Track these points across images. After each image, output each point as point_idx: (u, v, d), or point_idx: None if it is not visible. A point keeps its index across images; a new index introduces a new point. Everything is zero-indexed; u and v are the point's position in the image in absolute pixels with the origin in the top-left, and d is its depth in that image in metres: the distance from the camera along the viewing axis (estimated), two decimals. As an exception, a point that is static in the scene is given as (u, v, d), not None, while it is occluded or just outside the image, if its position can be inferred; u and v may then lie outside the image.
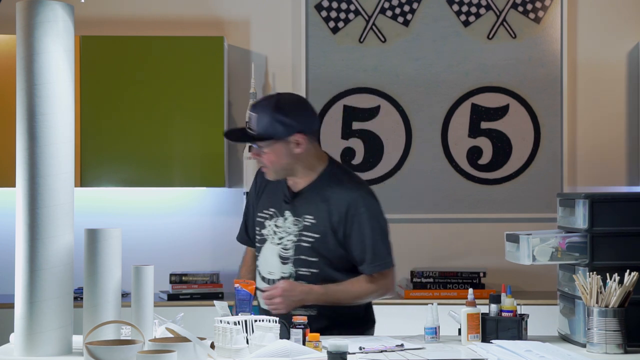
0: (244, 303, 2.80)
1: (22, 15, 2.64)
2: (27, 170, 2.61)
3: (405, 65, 4.79)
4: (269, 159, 2.99)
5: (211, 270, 4.67)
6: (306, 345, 2.61)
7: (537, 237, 2.85)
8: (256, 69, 4.76)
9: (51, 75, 2.63)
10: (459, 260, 4.77)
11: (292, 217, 3.03)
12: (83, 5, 4.59)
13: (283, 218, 3.05)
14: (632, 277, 2.68)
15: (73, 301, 2.67)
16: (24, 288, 2.60)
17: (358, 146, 4.79)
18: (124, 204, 4.76)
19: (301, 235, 3.01)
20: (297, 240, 3.02)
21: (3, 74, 4.45)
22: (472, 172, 4.79)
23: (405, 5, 4.79)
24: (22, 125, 2.63)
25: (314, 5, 4.78)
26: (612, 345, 2.64)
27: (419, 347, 2.75)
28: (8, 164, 3.39)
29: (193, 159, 4.57)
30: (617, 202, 2.85)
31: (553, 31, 4.77)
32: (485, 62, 4.79)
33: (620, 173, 4.79)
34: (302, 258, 3.00)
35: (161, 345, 2.38)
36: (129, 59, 4.58)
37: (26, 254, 2.59)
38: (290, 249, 3.02)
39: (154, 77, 4.57)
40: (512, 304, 2.84)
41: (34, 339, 2.58)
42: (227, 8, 4.82)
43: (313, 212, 3.01)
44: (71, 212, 2.66)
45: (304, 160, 3.01)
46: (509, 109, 4.79)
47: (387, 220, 3.10)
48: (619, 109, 4.80)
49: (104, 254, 2.57)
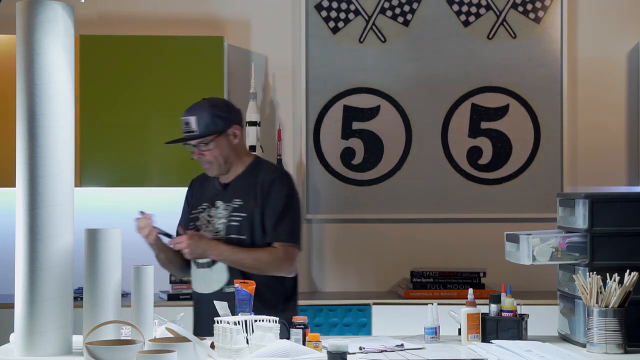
0: (244, 303, 2.80)
1: (22, 15, 2.64)
2: (27, 170, 2.62)
3: (405, 65, 4.79)
4: (212, 155, 3.26)
5: (211, 270, 4.66)
6: (306, 345, 2.62)
7: (537, 237, 2.85)
8: (256, 69, 4.76)
9: (51, 75, 2.63)
10: (459, 260, 4.77)
11: (223, 203, 3.28)
12: (83, 5, 4.59)
13: (215, 208, 3.30)
14: (632, 277, 2.68)
15: (73, 301, 2.67)
16: (24, 288, 2.60)
17: (358, 146, 4.79)
18: (124, 204, 4.76)
19: (230, 216, 3.26)
20: (228, 222, 3.25)
21: (3, 74, 4.45)
22: (472, 172, 4.79)
23: (405, 5, 4.79)
24: (22, 125, 2.63)
25: (314, 5, 4.78)
26: (612, 345, 2.64)
27: (419, 347, 2.75)
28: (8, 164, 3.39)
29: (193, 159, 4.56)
30: (617, 202, 2.85)
31: (553, 31, 4.77)
32: (485, 62, 4.78)
33: (620, 173, 4.79)
34: (231, 237, 3.23)
35: (161, 345, 2.38)
36: (129, 59, 4.57)
37: (26, 254, 2.60)
38: (222, 231, 3.25)
39: (154, 77, 4.56)
40: (512, 304, 2.84)
41: (34, 339, 2.58)
42: (227, 8, 4.82)
43: (241, 195, 3.27)
44: (71, 212, 2.66)
45: (237, 151, 3.30)
46: (509, 109, 4.79)
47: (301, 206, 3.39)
48: (619, 109, 4.80)
49: (104, 254, 2.57)
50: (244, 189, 3.28)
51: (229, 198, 3.29)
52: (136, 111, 4.55)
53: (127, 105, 4.56)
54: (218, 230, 3.27)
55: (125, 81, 4.56)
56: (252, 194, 3.26)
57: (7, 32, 4.51)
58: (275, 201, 3.24)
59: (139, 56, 4.58)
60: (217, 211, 3.29)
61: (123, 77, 4.57)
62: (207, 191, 3.37)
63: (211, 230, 3.27)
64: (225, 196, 3.30)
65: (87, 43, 4.54)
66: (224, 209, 3.28)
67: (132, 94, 4.56)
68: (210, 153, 3.26)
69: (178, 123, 4.56)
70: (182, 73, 4.56)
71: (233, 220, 3.25)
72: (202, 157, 3.28)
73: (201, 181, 3.45)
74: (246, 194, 3.27)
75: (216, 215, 3.29)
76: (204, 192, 3.39)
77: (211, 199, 3.33)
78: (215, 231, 3.27)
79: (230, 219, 3.25)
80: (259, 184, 3.27)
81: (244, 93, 4.74)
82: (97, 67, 4.54)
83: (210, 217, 3.31)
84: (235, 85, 4.78)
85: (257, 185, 3.27)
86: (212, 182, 3.37)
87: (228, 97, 4.73)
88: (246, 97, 4.71)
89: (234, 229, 3.24)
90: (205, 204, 3.34)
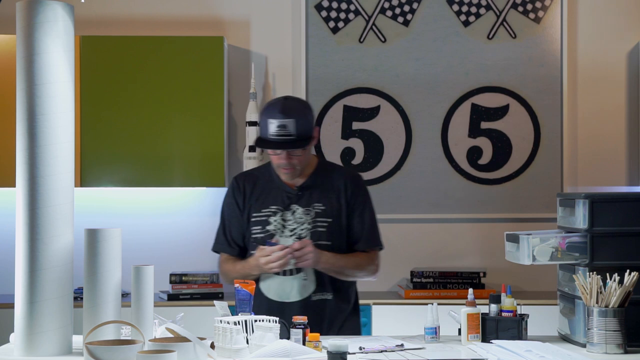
0: (244, 303, 2.80)
1: (22, 15, 2.64)
2: (27, 170, 2.61)
3: (405, 65, 4.79)
4: (300, 161, 3.15)
5: (211, 270, 4.67)
6: (306, 345, 2.62)
7: (537, 237, 2.85)
8: (256, 69, 4.76)
9: (51, 75, 2.63)
10: (459, 260, 4.77)
11: (301, 208, 3.18)
12: (83, 5, 4.59)
13: (290, 212, 3.19)
14: (632, 277, 2.68)
15: (73, 301, 2.67)
16: (24, 288, 2.60)
17: (358, 146, 4.79)
18: (124, 204, 4.76)
19: (315, 222, 3.17)
20: (312, 228, 3.16)
21: (3, 74, 4.45)
22: (472, 172, 4.79)
23: (405, 5, 4.79)
24: (22, 125, 2.63)
25: (314, 5, 4.78)
26: (612, 345, 2.64)
27: (419, 347, 2.75)
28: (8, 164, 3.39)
29: (193, 159, 4.57)
30: (617, 202, 2.85)
31: (553, 31, 4.77)
32: (485, 62, 4.78)
33: (620, 173, 4.79)
34: (319, 244, 3.13)
35: (161, 345, 2.38)
36: (129, 59, 4.57)
37: (26, 254, 2.60)
38: (306, 237, 3.15)
39: (154, 77, 4.56)
40: (512, 304, 2.84)
41: (34, 339, 2.58)
42: (227, 8, 4.82)
43: (321, 200, 3.19)
44: (71, 212, 2.66)
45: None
46: (509, 109, 4.79)
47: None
48: (619, 109, 4.80)
49: (104, 254, 2.57)
50: (322, 192, 3.21)
51: (307, 202, 3.19)
52: (136, 111, 4.56)
53: (128, 105, 4.56)
54: (301, 236, 3.16)
55: (126, 81, 4.57)
56: (332, 198, 3.20)
57: (7, 32, 4.51)
58: (362, 206, 3.21)
59: (139, 56, 4.58)
60: (294, 216, 3.18)
61: (123, 78, 4.57)
62: (270, 194, 3.23)
63: (290, 236, 3.16)
64: (303, 200, 3.20)
65: (88, 43, 4.54)
66: (304, 214, 3.18)
67: (133, 94, 4.56)
68: (299, 159, 3.15)
69: (178, 123, 4.59)
70: (182, 73, 4.56)
71: (319, 226, 3.17)
72: (289, 162, 3.15)
73: (250, 181, 3.29)
74: (326, 198, 3.20)
75: (295, 220, 3.18)
76: (265, 194, 3.24)
77: (283, 202, 3.21)
78: (297, 237, 3.16)
79: (316, 224, 3.17)
80: (337, 187, 3.22)
81: (244, 93, 4.74)
82: (97, 67, 4.55)
83: (286, 222, 3.19)
84: (235, 85, 4.78)
85: (336, 188, 3.22)
86: (273, 183, 3.25)
87: (228, 97, 4.73)
88: (246, 97, 4.71)
89: (320, 236, 3.16)
90: (273, 207, 3.20)
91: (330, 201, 3.20)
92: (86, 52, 4.53)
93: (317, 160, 3.29)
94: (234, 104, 4.79)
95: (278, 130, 3.08)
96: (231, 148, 4.76)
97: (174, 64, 4.57)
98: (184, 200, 4.80)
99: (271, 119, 3.09)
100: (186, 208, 4.79)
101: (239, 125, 4.76)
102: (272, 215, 3.19)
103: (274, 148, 3.12)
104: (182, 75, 4.56)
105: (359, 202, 3.22)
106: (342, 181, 3.23)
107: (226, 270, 3.31)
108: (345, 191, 3.21)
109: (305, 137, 3.10)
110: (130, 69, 4.57)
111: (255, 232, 3.21)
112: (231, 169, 4.74)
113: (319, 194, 3.20)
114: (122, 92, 4.56)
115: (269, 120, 3.09)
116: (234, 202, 3.29)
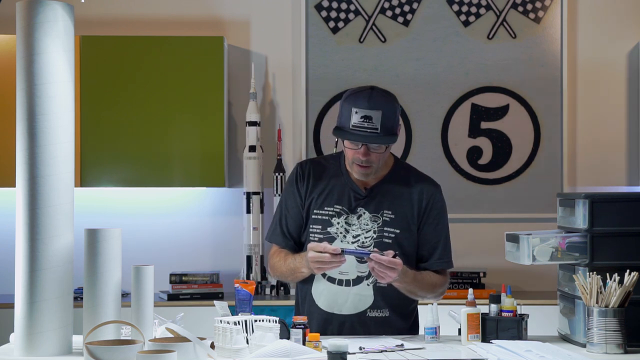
0: (244, 303, 2.80)
1: (22, 15, 2.64)
2: (27, 170, 2.61)
3: (405, 65, 4.79)
4: (378, 158, 2.86)
5: (211, 270, 4.67)
6: (306, 345, 2.61)
7: (537, 237, 2.85)
8: (256, 69, 4.76)
9: (51, 75, 2.63)
10: (459, 260, 4.73)
11: (369, 213, 2.91)
12: (83, 5, 4.60)
13: (356, 215, 2.92)
14: (632, 277, 2.68)
15: (73, 301, 2.67)
16: (24, 288, 2.59)
17: (358, 146, 4.79)
18: (124, 204, 4.76)
19: (382, 231, 2.90)
20: (378, 237, 2.90)
21: (3, 74, 4.45)
22: (472, 172, 4.79)
23: (405, 5, 4.79)
24: (22, 125, 2.63)
25: (314, 5, 4.78)
26: (612, 345, 2.64)
27: (419, 347, 2.74)
28: (8, 164, 3.39)
29: (193, 159, 4.57)
30: (617, 202, 2.85)
31: (553, 31, 4.77)
32: (485, 62, 4.79)
33: (620, 173, 4.79)
34: None
35: (161, 345, 2.38)
36: (129, 59, 4.58)
37: (26, 254, 2.59)
38: (369, 246, 2.88)
39: (154, 77, 4.57)
40: (512, 304, 2.84)
41: (34, 339, 2.58)
42: (227, 8, 4.82)
43: (392, 207, 2.92)
44: (71, 212, 2.66)
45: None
46: (509, 109, 4.79)
47: None
48: (619, 108, 4.80)
49: (104, 254, 2.57)
50: (394, 199, 2.92)
51: (376, 208, 2.91)
52: (136, 111, 4.56)
53: (128, 105, 4.56)
54: (364, 245, 2.89)
55: (126, 81, 4.57)
56: (406, 207, 2.92)
57: (7, 32, 4.51)
58: (436, 221, 2.94)
59: (139, 56, 4.58)
60: (359, 221, 2.91)
61: (123, 78, 4.57)
62: (336, 191, 2.94)
63: (354, 242, 2.90)
64: (371, 204, 2.91)
65: (88, 43, 4.54)
66: (371, 220, 2.90)
67: (133, 94, 4.56)
68: (378, 156, 2.85)
69: (178, 123, 4.59)
70: (182, 73, 4.56)
71: (385, 237, 2.89)
72: (367, 158, 2.84)
73: (316, 171, 2.98)
74: (399, 206, 2.91)
75: (360, 225, 2.91)
76: (331, 190, 2.95)
77: (350, 204, 2.92)
78: (359, 245, 2.89)
79: (382, 234, 2.89)
80: (411, 195, 2.93)
81: (244, 93, 4.75)
82: (97, 67, 4.55)
83: (350, 226, 2.91)
84: (235, 85, 4.78)
85: (410, 196, 2.93)
86: (341, 179, 2.95)
87: (228, 97, 4.74)
88: (246, 97, 4.71)
89: (386, 248, 2.84)
90: (338, 206, 2.92)
91: (402, 210, 2.91)
92: (86, 52, 4.53)
93: (393, 161, 3.00)
94: (234, 104, 4.79)
95: (362, 122, 2.79)
96: (231, 148, 4.76)
97: (174, 64, 4.57)
98: (184, 200, 4.80)
99: (355, 107, 2.80)
100: (186, 208, 4.79)
101: (239, 125, 4.76)
102: (336, 217, 2.92)
103: (354, 140, 2.82)
104: (182, 75, 4.56)
105: (433, 216, 2.93)
106: (418, 189, 2.94)
107: (275, 263, 3.00)
108: (419, 201, 2.93)
109: (389, 133, 2.82)
110: (130, 69, 4.57)
111: (314, 231, 2.94)
112: (231, 169, 4.74)
113: (390, 200, 2.91)
114: (122, 92, 4.56)
115: (353, 109, 2.80)
116: (295, 190, 2.98)
